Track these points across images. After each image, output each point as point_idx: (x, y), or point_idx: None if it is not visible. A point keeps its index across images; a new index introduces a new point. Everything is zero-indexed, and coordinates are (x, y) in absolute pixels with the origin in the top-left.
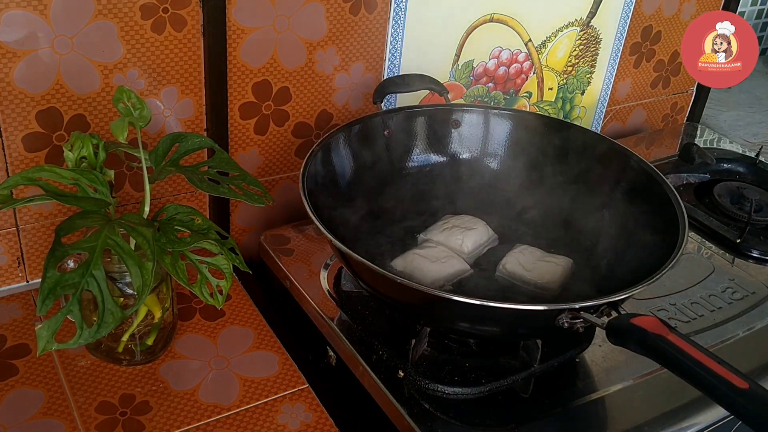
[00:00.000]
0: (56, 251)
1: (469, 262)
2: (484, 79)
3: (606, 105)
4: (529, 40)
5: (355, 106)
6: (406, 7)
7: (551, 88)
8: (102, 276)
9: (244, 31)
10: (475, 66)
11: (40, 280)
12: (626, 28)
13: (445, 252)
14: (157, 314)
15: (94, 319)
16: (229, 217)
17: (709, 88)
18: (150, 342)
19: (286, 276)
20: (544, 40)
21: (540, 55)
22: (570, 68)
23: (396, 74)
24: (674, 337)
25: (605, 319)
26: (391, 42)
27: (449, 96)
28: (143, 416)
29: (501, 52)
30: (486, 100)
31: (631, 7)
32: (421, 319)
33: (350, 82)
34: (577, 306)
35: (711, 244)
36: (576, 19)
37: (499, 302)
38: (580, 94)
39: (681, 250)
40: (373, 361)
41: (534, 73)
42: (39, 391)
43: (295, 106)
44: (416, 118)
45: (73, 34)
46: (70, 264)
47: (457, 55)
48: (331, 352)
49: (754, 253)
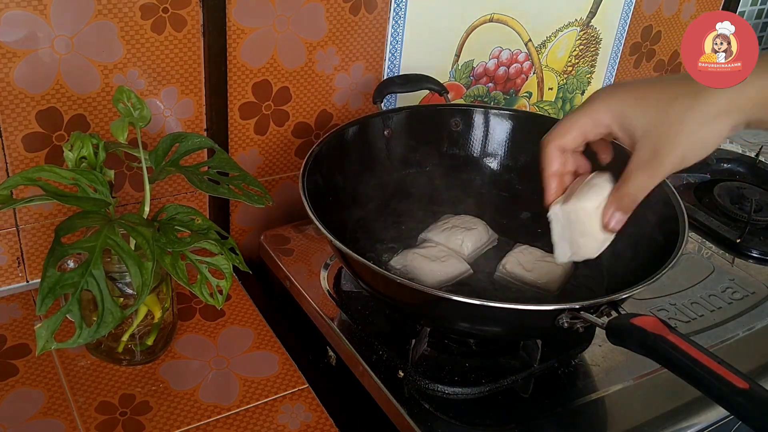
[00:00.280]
0: (56, 251)
1: (469, 262)
2: (484, 79)
3: None
4: (529, 40)
5: (355, 106)
6: (406, 7)
7: (551, 88)
8: (102, 276)
9: (244, 31)
10: (475, 66)
11: (40, 280)
12: (626, 28)
13: (444, 252)
14: (157, 314)
15: (94, 318)
16: (229, 217)
17: None
18: (150, 342)
19: (286, 276)
20: (544, 40)
21: (540, 55)
22: (570, 68)
23: (396, 74)
24: (674, 337)
25: (605, 319)
26: (391, 42)
27: (449, 96)
28: (143, 416)
29: (501, 52)
30: (486, 100)
31: (631, 7)
32: (421, 319)
33: (350, 82)
34: (577, 306)
35: (711, 244)
36: (576, 19)
37: (499, 302)
38: (580, 94)
39: (681, 250)
40: (373, 361)
41: (534, 73)
42: (39, 391)
43: (295, 106)
44: (416, 118)
45: (73, 34)
46: (70, 264)
47: (457, 55)
48: (331, 352)
49: (754, 253)
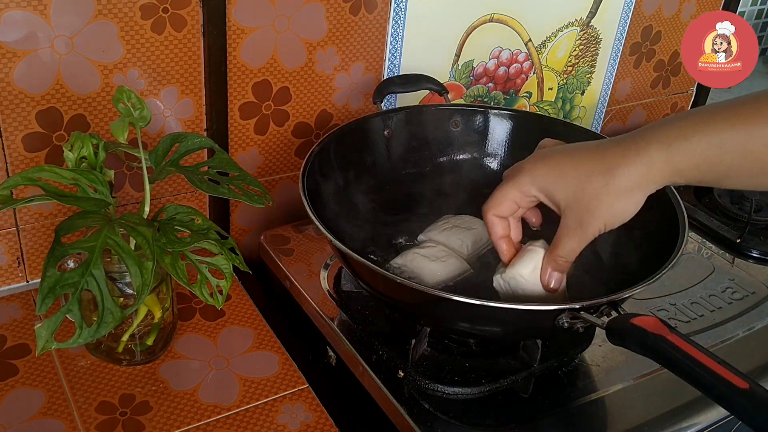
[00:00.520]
0: (56, 251)
1: (469, 262)
2: (484, 79)
3: (606, 105)
4: (529, 40)
5: (355, 106)
6: (406, 7)
7: (551, 88)
8: (102, 276)
9: (244, 31)
10: (475, 66)
11: (40, 280)
12: (626, 28)
13: (444, 251)
14: (157, 314)
15: (94, 318)
16: (229, 217)
17: (709, 88)
18: (150, 342)
19: (286, 276)
20: (544, 40)
21: (540, 55)
22: (570, 68)
23: (396, 74)
24: (674, 337)
25: (605, 319)
26: (391, 42)
27: (449, 96)
28: (143, 416)
29: (501, 52)
30: (486, 100)
31: (631, 7)
32: (421, 319)
33: (350, 82)
34: (577, 306)
35: (711, 244)
36: (576, 19)
37: (499, 302)
38: (580, 94)
39: (681, 250)
40: (373, 361)
41: (534, 73)
42: (39, 391)
43: (295, 106)
44: (416, 118)
45: (73, 34)
46: (70, 264)
47: (457, 55)
48: (331, 352)
49: (754, 253)
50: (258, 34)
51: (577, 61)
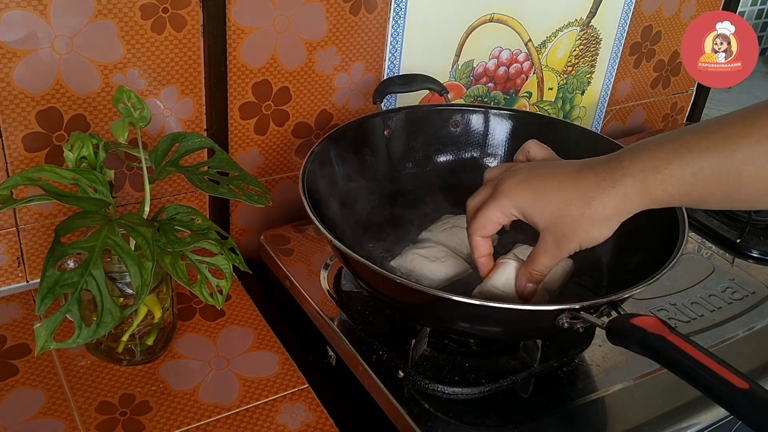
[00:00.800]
0: (56, 251)
1: (468, 262)
2: (484, 79)
3: (606, 105)
4: (529, 40)
5: (355, 106)
6: (406, 7)
7: (551, 88)
8: (101, 276)
9: (244, 31)
10: (475, 66)
11: (40, 280)
12: (626, 28)
13: (444, 251)
14: (157, 314)
15: (94, 318)
16: (229, 217)
17: (709, 88)
18: (150, 342)
19: (286, 276)
20: (544, 40)
21: (540, 55)
22: (570, 68)
23: (396, 74)
24: (674, 337)
25: (605, 319)
26: (391, 42)
27: (449, 96)
28: (143, 416)
29: (501, 52)
30: (486, 100)
31: (631, 7)
32: (421, 319)
33: (350, 82)
34: (577, 306)
35: (711, 244)
36: (576, 19)
37: (499, 302)
38: (580, 94)
39: (681, 250)
40: (373, 361)
41: (534, 73)
42: (39, 391)
43: (295, 106)
44: (416, 118)
45: (73, 34)
46: (70, 264)
47: (457, 55)
48: (331, 352)
49: (754, 253)
50: (258, 34)
51: (577, 61)
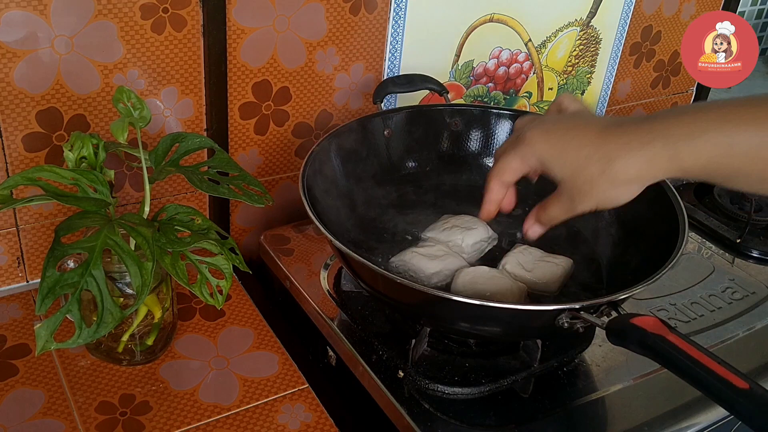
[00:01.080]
0: (56, 251)
1: (469, 262)
2: (484, 79)
3: (606, 105)
4: (529, 40)
5: (355, 106)
6: (406, 7)
7: (551, 88)
8: (101, 276)
9: (244, 31)
10: (475, 66)
11: (40, 280)
12: (626, 28)
13: (444, 251)
14: (157, 314)
15: (94, 318)
16: (229, 217)
17: (709, 88)
18: (150, 342)
19: (286, 276)
20: (544, 40)
21: (540, 55)
22: (570, 68)
23: (396, 74)
24: (674, 337)
25: (605, 319)
26: (391, 42)
27: (449, 96)
28: (143, 416)
29: (501, 52)
30: (486, 100)
31: (631, 7)
32: (421, 319)
33: (350, 82)
34: (577, 306)
35: (711, 244)
36: (576, 19)
37: (499, 302)
38: (580, 94)
39: (681, 250)
40: (373, 361)
41: (534, 73)
42: (39, 391)
43: (295, 106)
44: (416, 118)
45: (73, 34)
46: (70, 264)
47: (457, 55)
48: (331, 352)
49: (754, 253)
50: (258, 34)
51: (577, 61)
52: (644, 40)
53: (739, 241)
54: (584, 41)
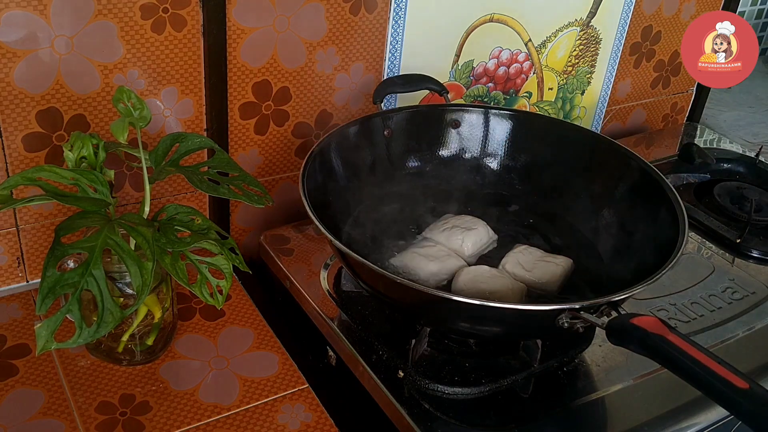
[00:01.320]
0: (56, 251)
1: (469, 262)
2: (484, 79)
3: (606, 105)
4: (529, 40)
5: (355, 106)
6: (406, 7)
7: (551, 88)
8: (101, 276)
9: (244, 31)
10: (475, 66)
11: (40, 280)
12: (626, 28)
13: (444, 251)
14: (157, 314)
15: (94, 318)
16: (229, 217)
17: (709, 88)
18: (150, 342)
19: (286, 276)
20: (544, 40)
21: (540, 55)
22: (570, 68)
23: (396, 74)
24: (674, 337)
25: (605, 319)
26: (391, 42)
27: (449, 96)
28: (143, 416)
29: (501, 52)
30: (486, 100)
31: (631, 7)
32: (421, 319)
33: (350, 82)
34: (577, 306)
35: (711, 244)
36: (576, 19)
37: (499, 302)
38: (580, 94)
39: (681, 250)
40: (373, 361)
41: (534, 73)
42: (39, 391)
43: (295, 106)
44: (416, 118)
45: (73, 34)
46: (70, 264)
47: (457, 55)
48: (331, 352)
49: (754, 253)
50: (258, 34)
51: (577, 61)
52: (644, 40)
53: (739, 241)
54: (584, 41)
